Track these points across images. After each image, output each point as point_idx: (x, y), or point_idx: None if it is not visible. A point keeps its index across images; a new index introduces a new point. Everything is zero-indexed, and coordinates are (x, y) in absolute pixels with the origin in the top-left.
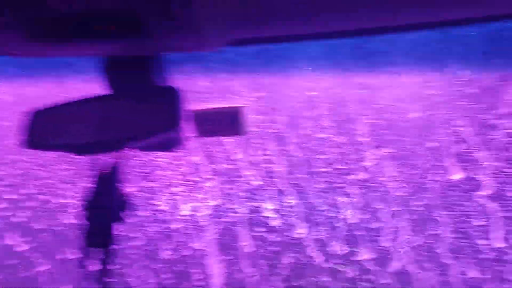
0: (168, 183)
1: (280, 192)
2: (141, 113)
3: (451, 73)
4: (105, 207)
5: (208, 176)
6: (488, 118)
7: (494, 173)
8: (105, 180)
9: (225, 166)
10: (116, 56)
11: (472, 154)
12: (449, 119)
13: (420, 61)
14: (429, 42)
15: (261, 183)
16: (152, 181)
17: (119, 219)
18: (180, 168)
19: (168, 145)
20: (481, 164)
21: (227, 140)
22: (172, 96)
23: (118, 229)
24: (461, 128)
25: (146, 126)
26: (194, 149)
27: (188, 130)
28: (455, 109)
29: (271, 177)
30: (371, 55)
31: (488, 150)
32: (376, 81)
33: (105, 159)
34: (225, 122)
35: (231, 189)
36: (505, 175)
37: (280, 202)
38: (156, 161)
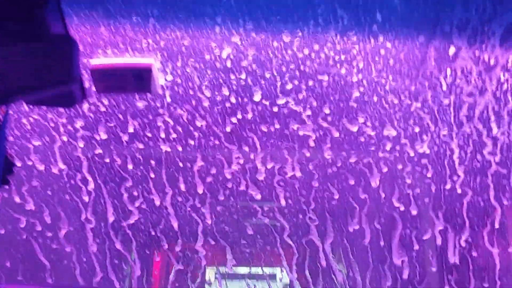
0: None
1: None
2: (31, 64)
3: (377, 40)
4: None
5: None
6: (410, 89)
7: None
8: None
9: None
10: None
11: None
12: (373, 92)
13: (347, 25)
14: (356, 6)
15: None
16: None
17: (2, 181)
18: (76, 124)
19: (62, 101)
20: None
21: (130, 98)
22: (67, 46)
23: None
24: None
25: (36, 78)
26: (93, 106)
27: (86, 85)
28: (379, 79)
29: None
30: (292, 12)
31: (407, 123)
32: (299, 42)
33: None
34: (130, 79)
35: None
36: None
37: None
38: (46, 117)
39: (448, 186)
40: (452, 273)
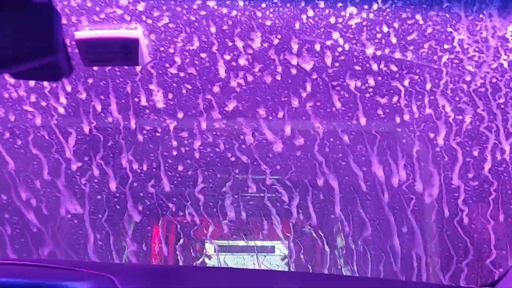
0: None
1: None
2: (13, 34)
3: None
4: None
5: None
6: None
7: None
8: None
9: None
10: None
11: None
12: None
13: None
14: None
15: None
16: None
17: None
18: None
19: (49, 74)
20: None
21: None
22: (49, 15)
23: None
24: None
25: (18, 48)
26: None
27: (71, 57)
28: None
29: None
30: None
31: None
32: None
33: None
34: (117, 52)
35: None
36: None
37: None
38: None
39: None
40: None
